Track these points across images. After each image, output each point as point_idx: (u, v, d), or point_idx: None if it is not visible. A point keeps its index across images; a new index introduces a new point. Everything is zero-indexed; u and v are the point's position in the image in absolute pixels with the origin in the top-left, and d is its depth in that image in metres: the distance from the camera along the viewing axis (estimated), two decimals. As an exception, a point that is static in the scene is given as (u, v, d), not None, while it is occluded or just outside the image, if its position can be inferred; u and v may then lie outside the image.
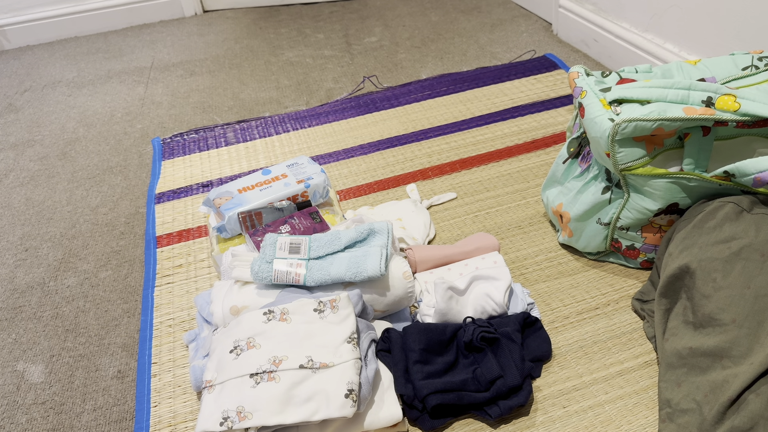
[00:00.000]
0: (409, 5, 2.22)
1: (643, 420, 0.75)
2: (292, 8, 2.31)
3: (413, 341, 0.79)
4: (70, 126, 1.62)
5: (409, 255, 0.96)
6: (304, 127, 1.49)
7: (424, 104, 1.54)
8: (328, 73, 1.78)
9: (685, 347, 0.70)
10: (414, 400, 0.75)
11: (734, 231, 0.73)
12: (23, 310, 1.04)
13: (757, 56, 0.93)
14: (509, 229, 1.09)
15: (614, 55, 1.60)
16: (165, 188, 1.30)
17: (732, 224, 0.74)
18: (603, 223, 0.93)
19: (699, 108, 0.81)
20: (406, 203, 1.13)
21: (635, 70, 0.99)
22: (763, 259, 0.68)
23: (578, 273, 0.98)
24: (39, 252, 1.17)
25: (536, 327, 0.86)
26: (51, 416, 0.85)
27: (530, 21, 1.98)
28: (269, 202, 1.04)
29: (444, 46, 1.87)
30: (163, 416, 0.82)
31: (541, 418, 0.77)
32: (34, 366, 0.93)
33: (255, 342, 0.76)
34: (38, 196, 1.34)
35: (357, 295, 0.82)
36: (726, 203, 0.77)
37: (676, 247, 0.78)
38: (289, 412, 0.70)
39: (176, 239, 1.15)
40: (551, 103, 1.48)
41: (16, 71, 1.98)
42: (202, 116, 1.60)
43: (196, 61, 1.93)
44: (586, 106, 0.89)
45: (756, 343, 0.64)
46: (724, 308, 0.67)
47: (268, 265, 0.83)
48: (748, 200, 0.76)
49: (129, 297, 1.04)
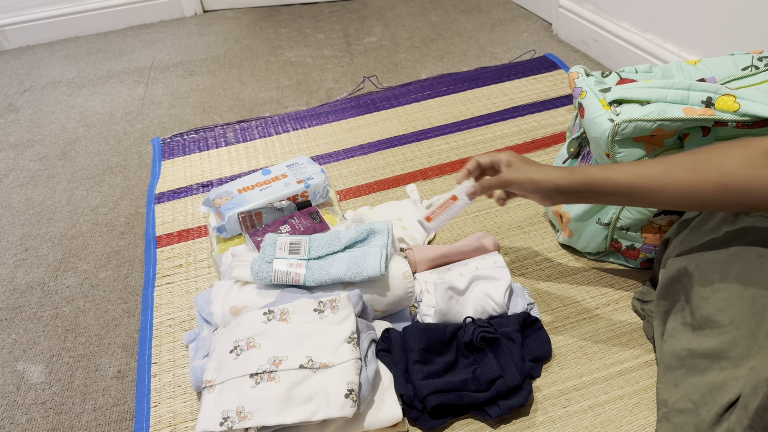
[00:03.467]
0: (409, 5, 2.22)
1: (643, 420, 0.75)
2: (292, 8, 2.31)
3: (413, 341, 0.79)
4: (70, 126, 1.62)
5: (409, 255, 0.96)
6: (304, 127, 1.49)
7: (424, 104, 1.54)
8: (328, 73, 1.78)
9: (683, 349, 0.70)
10: (414, 400, 0.75)
11: (732, 233, 0.73)
12: (23, 310, 1.04)
13: (757, 56, 0.93)
14: (509, 229, 1.09)
15: (614, 55, 1.60)
16: (165, 188, 1.30)
17: (729, 226, 0.74)
18: (603, 224, 0.93)
19: (699, 108, 0.81)
20: (406, 203, 1.13)
21: (635, 70, 0.99)
22: (760, 260, 0.68)
23: (578, 273, 0.98)
24: (39, 252, 1.17)
25: (536, 327, 0.86)
26: (51, 416, 0.85)
27: (530, 21, 1.98)
28: (269, 202, 1.04)
29: (444, 46, 1.87)
30: (163, 416, 0.82)
31: (541, 418, 0.77)
32: (34, 366, 0.93)
33: (255, 342, 0.76)
34: (38, 196, 1.34)
35: (357, 295, 0.82)
36: None
37: (675, 250, 0.78)
38: (289, 412, 0.70)
39: (176, 239, 1.15)
40: (551, 103, 1.48)
41: (16, 71, 1.98)
42: (202, 116, 1.60)
43: (196, 61, 1.93)
44: (586, 107, 0.89)
45: (754, 344, 0.64)
46: (722, 310, 0.67)
47: (268, 265, 0.83)
48: None
49: (129, 297, 1.04)
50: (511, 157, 0.80)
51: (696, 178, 0.69)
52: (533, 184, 0.77)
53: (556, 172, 0.75)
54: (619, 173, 0.73)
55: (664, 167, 0.71)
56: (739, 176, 0.67)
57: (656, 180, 0.71)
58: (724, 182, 0.67)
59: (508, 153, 0.81)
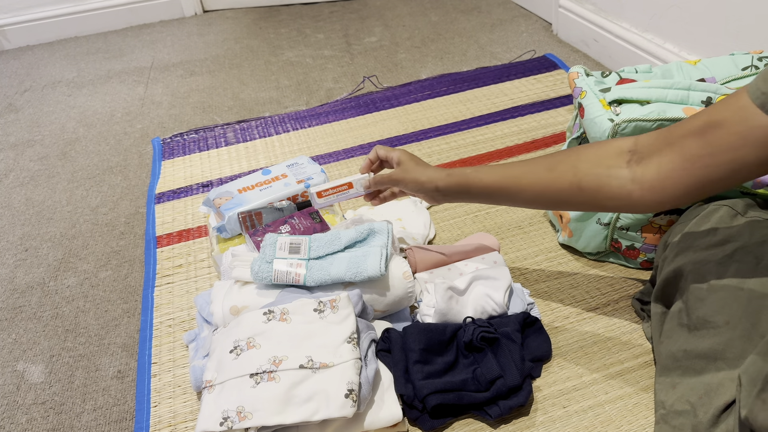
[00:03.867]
0: (409, 5, 2.22)
1: (643, 420, 0.75)
2: (292, 8, 2.31)
3: (413, 341, 0.79)
4: (70, 126, 1.62)
5: (409, 255, 0.96)
6: (304, 127, 1.49)
7: (424, 104, 1.54)
8: (328, 73, 1.78)
9: (679, 350, 0.70)
10: (414, 400, 0.75)
11: (728, 234, 0.73)
12: (23, 310, 1.04)
13: (757, 56, 0.93)
14: (509, 229, 1.09)
15: (614, 55, 1.60)
16: (165, 188, 1.30)
17: (726, 227, 0.74)
18: (603, 224, 0.93)
19: (699, 108, 0.81)
20: (406, 203, 1.13)
21: (635, 70, 0.99)
22: (756, 261, 0.68)
23: (578, 273, 0.98)
24: (39, 252, 1.17)
25: (536, 327, 0.86)
26: (51, 416, 0.85)
27: (530, 21, 1.98)
28: (269, 202, 1.04)
29: (444, 46, 1.87)
30: (163, 416, 0.82)
31: (541, 418, 0.77)
32: (34, 366, 0.93)
33: (255, 342, 0.76)
34: (38, 196, 1.34)
35: (357, 295, 0.82)
36: (720, 206, 0.77)
37: (672, 251, 0.78)
38: (289, 412, 0.70)
39: (176, 239, 1.15)
40: (551, 103, 1.48)
41: (16, 71, 1.98)
42: (202, 116, 1.60)
43: (196, 61, 1.93)
44: (586, 107, 0.89)
45: (749, 345, 0.64)
46: (718, 310, 0.67)
47: (268, 265, 0.83)
48: (742, 204, 0.76)
49: (129, 297, 1.04)
50: (402, 155, 0.84)
51: (553, 177, 0.71)
52: (417, 184, 0.81)
53: (438, 173, 0.80)
54: (488, 175, 0.76)
55: (527, 168, 0.74)
56: (591, 175, 0.68)
57: (519, 180, 0.74)
58: (577, 181, 0.69)
59: (401, 152, 0.84)
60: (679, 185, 0.62)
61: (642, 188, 0.65)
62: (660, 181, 0.63)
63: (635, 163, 0.66)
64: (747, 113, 0.57)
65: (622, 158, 0.67)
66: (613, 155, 0.68)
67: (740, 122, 0.57)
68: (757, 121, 0.56)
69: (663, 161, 0.63)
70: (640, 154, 0.66)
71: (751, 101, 0.56)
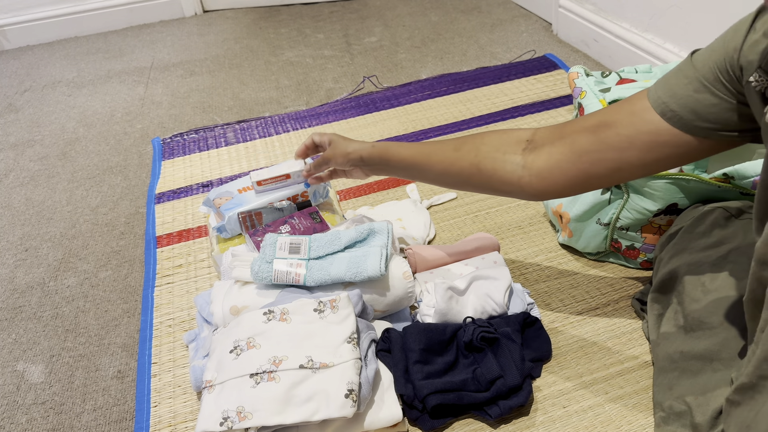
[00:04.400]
0: (409, 5, 2.22)
1: (643, 420, 0.75)
2: (292, 8, 2.31)
3: (413, 341, 0.79)
4: (70, 126, 1.62)
5: (409, 255, 0.96)
6: (304, 127, 1.49)
7: (424, 104, 1.54)
8: (328, 73, 1.78)
9: (676, 351, 0.70)
10: (414, 400, 0.75)
11: (723, 236, 0.73)
12: (23, 310, 1.04)
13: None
14: (509, 229, 1.09)
15: (614, 55, 1.60)
16: (165, 188, 1.30)
17: (721, 229, 0.74)
18: (603, 224, 0.93)
19: (699, 108, 0.81)
20: (406, 203, 1.13)
21: (635, 70, 0.99)
22: (750, 262, 0.68)
23: (578, 273, 0.98)
24: (39, 252, 1.17)
25: (536, 327, 0.86)
26: (51, 416, 0.85)
27: (530, 21, 1.98)
28: (269, 202, 1.04)
29: (444, 46, 1.87)
30: (163, 416, 0.82)
31: (541, 418, 0.77)
32: (34, 366, 0.93)
33: (255, 342, 0.76)
34: (38, 196, 1.34)
35: (357, 295, 0.82)
36: (715, 209, 0.77)
37: (667, 253, 0.79)
38: (289, 412, 0.70)
39: (176, 239, 1.15)
40: (551, 103, 1.48)
41: (16, 71, 1.98)
42: (202, 116, 1.60)
43: (196, 61, 1.93)
44: (586, 107, 0.89)
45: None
46: (713, 311, 0.67)
47: (268, 265, 0.83)
48: (736, 206, 0.77)
49: (129, 297, 1.04)
50: (333, 137, 0.88)
51: (458, 156, 0.74)
52: (344, 156, 0.84)
53: (363, 145, 0.84)
54: (407, 149, 0.80)
55: (438, 146, 0.77)
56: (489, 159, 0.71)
57: (429, 157, 0.77)
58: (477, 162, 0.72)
59: (332, 134, 0.89)
60: (565, 175, 0.66)
61: (530, 174, 0.68)
62: (548, 170, 0.67)
63: (529, 151, 0.69)
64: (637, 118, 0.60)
65: (519, 146, 0.70)
66: (512, 142, 0.71)
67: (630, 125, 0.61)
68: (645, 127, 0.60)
69: (553, 151, 0.66)
70: (535, 144, 0.69)
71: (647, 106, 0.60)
